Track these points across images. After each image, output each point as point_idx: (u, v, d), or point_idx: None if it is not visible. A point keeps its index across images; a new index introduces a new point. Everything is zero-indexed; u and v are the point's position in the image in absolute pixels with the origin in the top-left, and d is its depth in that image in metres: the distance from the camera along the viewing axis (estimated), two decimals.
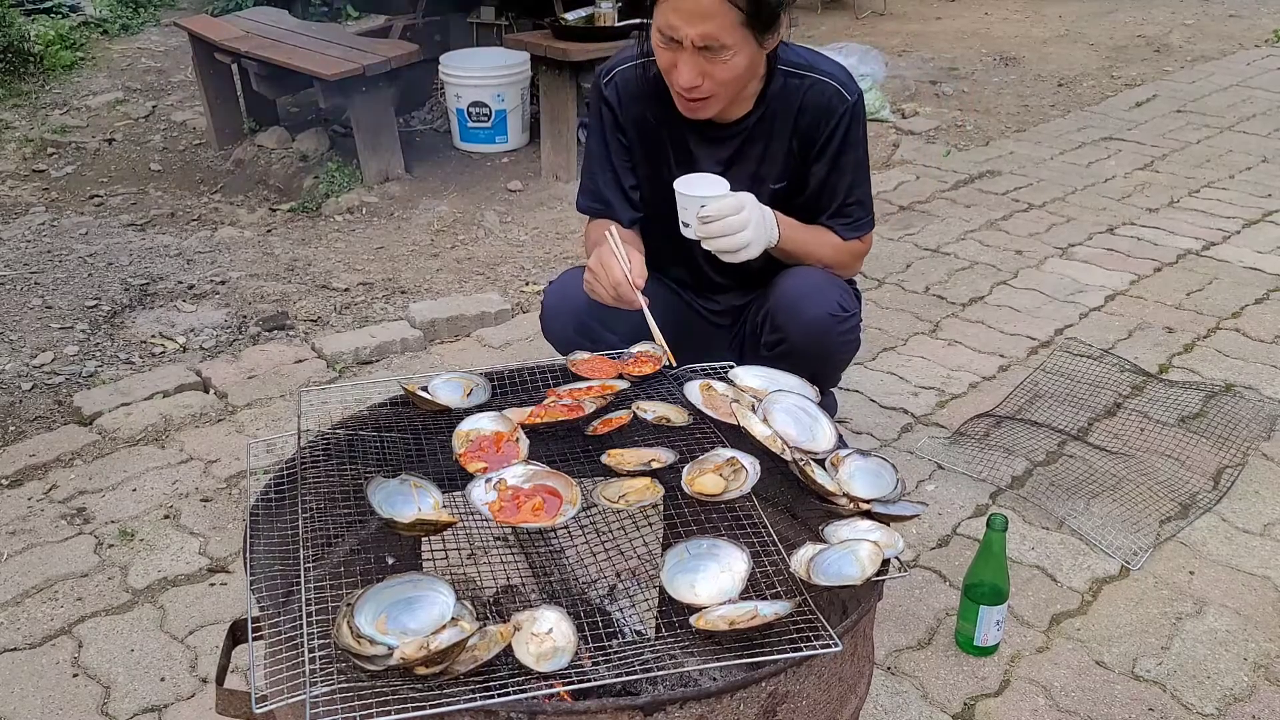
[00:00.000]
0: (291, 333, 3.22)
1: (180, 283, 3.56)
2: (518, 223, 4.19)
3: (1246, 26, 7.26)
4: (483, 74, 4.84)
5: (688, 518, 1.39)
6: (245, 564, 1.27)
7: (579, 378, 1.65)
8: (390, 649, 1.08)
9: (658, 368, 1.67)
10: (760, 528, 1.34)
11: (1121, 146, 4.84)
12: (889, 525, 1.33)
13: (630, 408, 1.53)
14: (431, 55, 4.96)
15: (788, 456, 1.41)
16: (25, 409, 2.77)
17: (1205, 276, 3.48)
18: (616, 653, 1.20)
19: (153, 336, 3.20)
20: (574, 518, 1.33)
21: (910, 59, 6.47)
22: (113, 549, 2.23)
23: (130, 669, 1.90)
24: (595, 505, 1.37)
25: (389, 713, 1.02)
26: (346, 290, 3.53)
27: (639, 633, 1.53)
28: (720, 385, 1.60)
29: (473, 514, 1.33)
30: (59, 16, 6.92)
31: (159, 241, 4.01)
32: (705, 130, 2.02)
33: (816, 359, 2.05)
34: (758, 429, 1.45)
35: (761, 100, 2.00)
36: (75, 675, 1.89)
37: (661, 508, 1.47)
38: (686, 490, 1.36)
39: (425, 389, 1.57)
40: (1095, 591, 2.08)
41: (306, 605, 1.15)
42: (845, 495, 1.38)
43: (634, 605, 1.57)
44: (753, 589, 1.24)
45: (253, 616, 1.19)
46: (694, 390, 1.57)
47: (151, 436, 2.64)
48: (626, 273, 1.80)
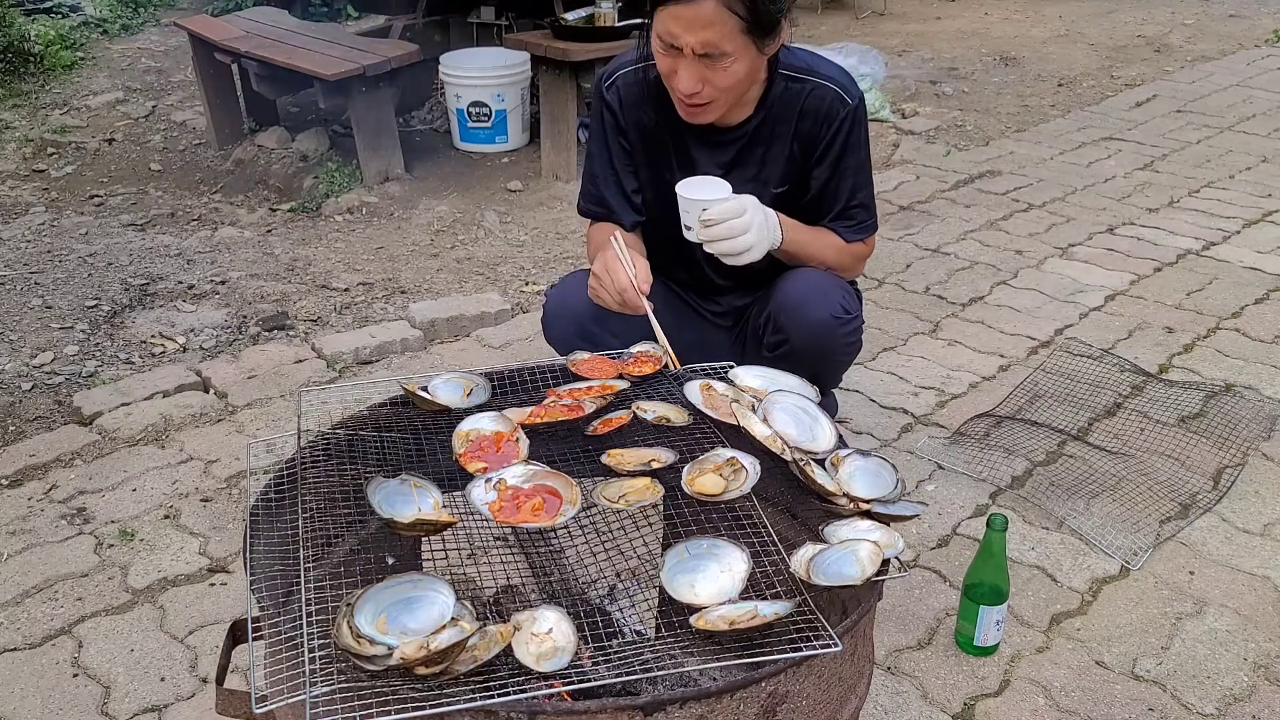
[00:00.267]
0: (291, 333, 3.22)
1: (180, 283, 3.56)
2: (518, 223, 4.19)
3: (1246, 26, 7.26)
4: (483, 74, 4.84)
5: (688, 518, 1.39)
6: (245, 564, 1.27)
7: (579, 378, 1.65)
8: (390, 649, 1.08)
9: (658, 368, 1.67)
10: (760, 528, 1.34)
11: (1121, 146, 4.84)
12: (889, 525, 1.33)
13: (630, 408, 1.54)
14: (431, 55, 4.96)
15: (788, 456, 1.41)
16: (25, 409, 2.77)
17: (1205, 276, 3.48)
18: (616, 653, 1.20)
19: (153, 336, 3.20)
20: (574, 518, 1.33)
21: (910, 59, 6.47)
22: (113, 549, 2.23)
23: (130, 669, 1.90)
24: (595, 505, 1.37)
25: (389, 713, 1.02)
26: (346, 290, 3.53)
27: (639, 633, 1.53)
28: (720, 385, 1.60)
29: (473, 514, 1.33)
30: (59, 16, 6.92)
31: (159, 241, 4.01)
32: (706, 134, 2.02)
33: (818, 361, 2.05)
34: (758, 429, 1.45)
35: (762, 104, 1.99)
36: (75, 675, 1.89)
37: (661, 508, 1.47)
38: (686, 490, 1.36)
39: (425, 389, 1.57)
40: (1095, 591, 2.08)
41: (306, 605, 1.15)
42: (845, 495, 1.38)
43: (634, 605, 1.57)
44: (753, 589, 1.24)
45: (253, 616, 1.19)
46: (694, 390, 1.57)
47: (151, 436, 2.64)
48: (632, 278, 1.80)
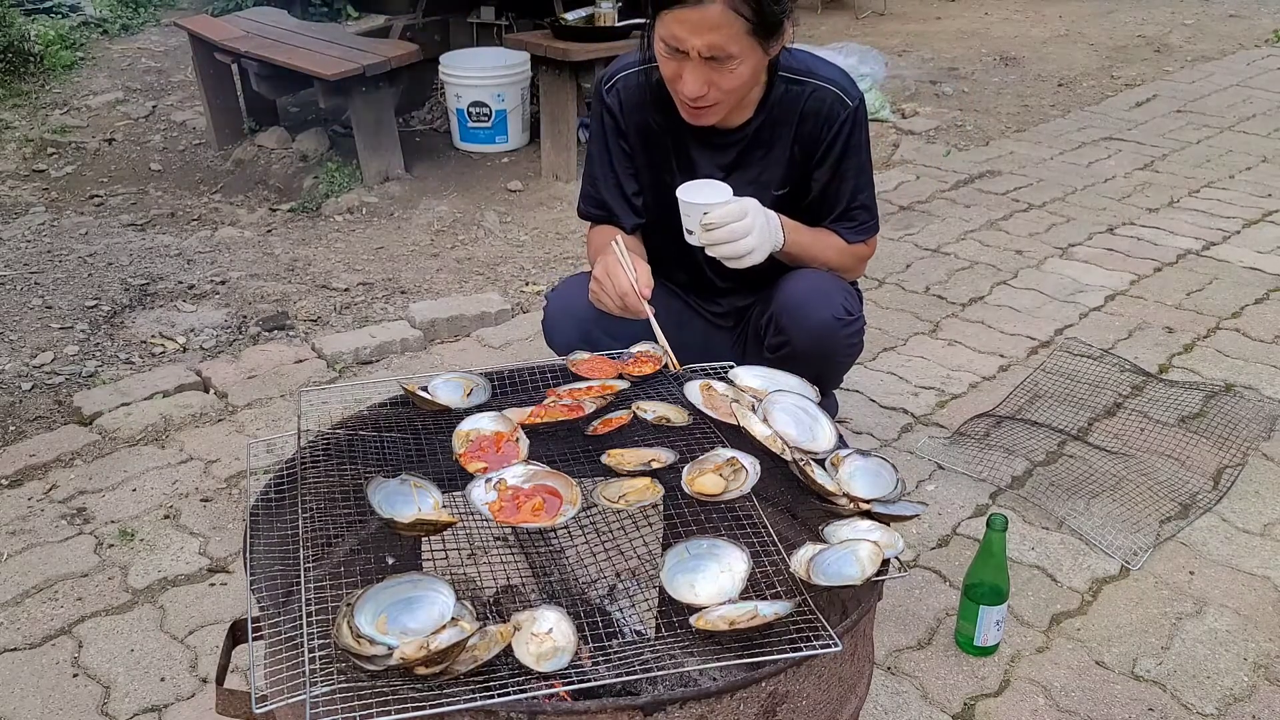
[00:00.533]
0: (291, 333, 3.22)
1: (180, 283, 3.56)
2: (518, 223, 4.19)
3: (1246, 26, 7.26)
4: (483, 74, 4.84)
5: (688, 518, 1.39)
6: (245, 564, 1.27)
7: (579, 378, 1.65)
8: (390, 649, 1.08)
9: (657, 368, 1.67)
10: (760, 528, 1.34)
11: (1121, 146, 4.84)
12: (889, 525, 1.33)
13: (630, 408, 1.54)
14: (431, 55, 4.96)
15: (788, 456, 1.41)
16: (25, 409, 2.77)
17: (1205, 276, 3.48)
18: (616, 653, 1.20)
19: (153, 336, 3.20)
20: (574, 518, 1.33)
21: (910, 59, 6.47)
22: (113, 549, 2.23)
23: (130, 669, 1.90)
24: (595, 505, 1.37)
25: (389, 713, 1.02)
26: (346, 290, 3.53)
27: (639, 633, 1.53)
28: (720, 385, 1.60)
29: (473, 514, 1.33)
30: (59, 16, 6.92)
31: (159, 241, 4.01)
32: (707, 136, 2.01)
33: (820, 362, 2.04)
34: (758, 429, 1.45)
35: (763, 107, 1.99)
36: (75, 675, 1.89)
37: (661, 508, 1.47)
38: (686, 490, 1.36)
39: (425, 389, 1.57)
40: (1095, 591, 2.08)
41: (306, 605, 1.15)
42: (845, 495, 1.38)
43: (634, 605, 1.57)
44: (753, 589, 1.24)
45: (253, 616, 1.19)
46: (694, 390, 1.57)
47: (151, 436, 2.64)
48: (633, 282, 1.80)
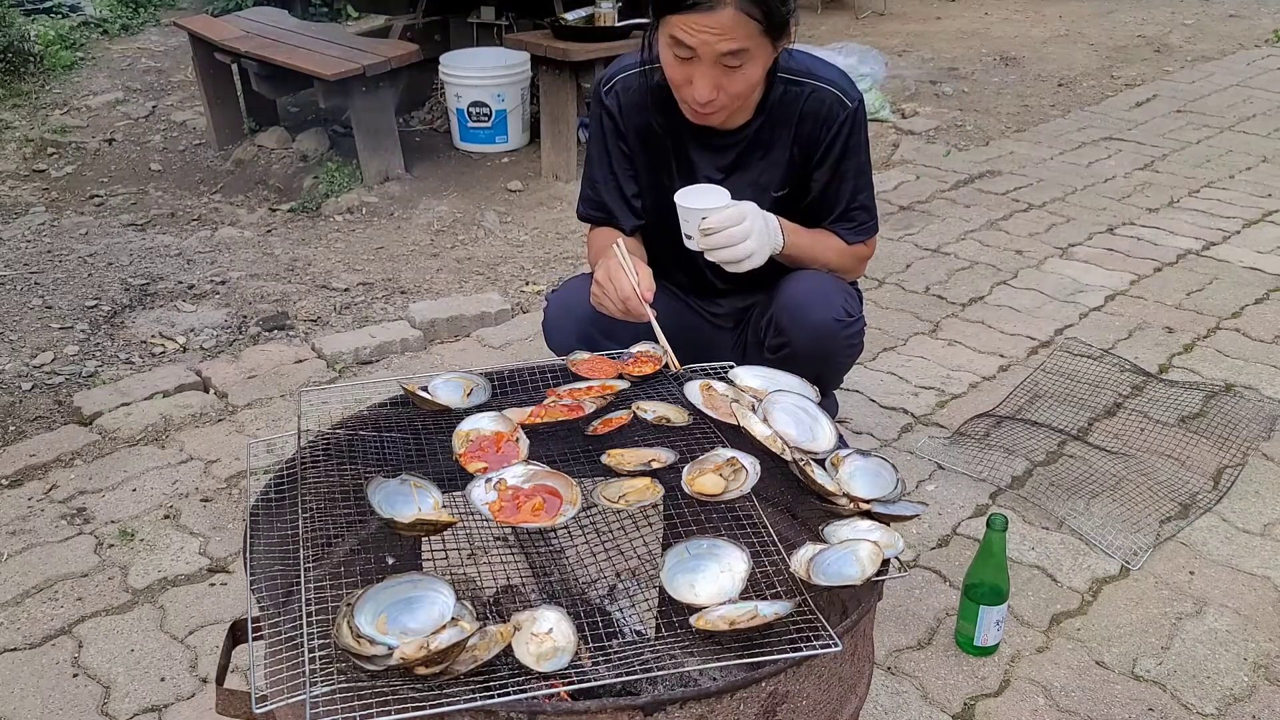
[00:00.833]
0: (291, 333, 3.22)
1: (180, 283, 3.56)
2: (518, 223, 4.19)
3: (1246, 26, 7.26)
4: (483, 74, 4.84)
5: (688, 518, 1.39)
6: (245, 564, 1.27)
7: (579, 378, 1.65)
8: (390, 649, 1.08)
9: (657, 368, 1.67)
10: (760, 528, 1.34)
11: (1121, 146, 4.84)
12: (889, 525, 1.33)
13: (630, 408, 1.54)
14: (431, 55, 4.96)
15: (788, 456, 1.41)
16: (25, 409, 2.77)
17: (1205, 276, 3.48)
18: (616, 653, 1.20)
19: (153, 336, 3.20)
20: (574, 518, 1.33)
21: (910, 59, 6.47)
22: (113, 549, 2.23)
23: (130, 669, 1.90)
24: (595, 505, 1.37)
25: (389, 713, 1.02)
26: (346, 290, 3.53)
27: (639, 633, 1.53)
28: (720, 385, 1.60)
29: (473, 514, 1.33)
30: (59, 16, 6.93)
31: (159, 241, 4.01)
32: (707, 138, 2.01)
33: (820, 363, 2.04)
34: (758, 429, 1.45)
35: (762, 108, 1.99)
36: (75, 675, 1.89)
37: (661, 508, 1.47)
38: (686, 490, 1.36)
39: (425, 389, 1.57)
40: (1095, 591, 2.08)
41: (306, 605, 1.15)
42: (845, 495, 1.38)
43: (634, 605, 1.57)
44: (753, 589, 1.24)
45: (253, 616, 1.19)
46: (694, 390, 1.57)
47: (151, 436, 2.64)
48: (635, 286, 1.80)
